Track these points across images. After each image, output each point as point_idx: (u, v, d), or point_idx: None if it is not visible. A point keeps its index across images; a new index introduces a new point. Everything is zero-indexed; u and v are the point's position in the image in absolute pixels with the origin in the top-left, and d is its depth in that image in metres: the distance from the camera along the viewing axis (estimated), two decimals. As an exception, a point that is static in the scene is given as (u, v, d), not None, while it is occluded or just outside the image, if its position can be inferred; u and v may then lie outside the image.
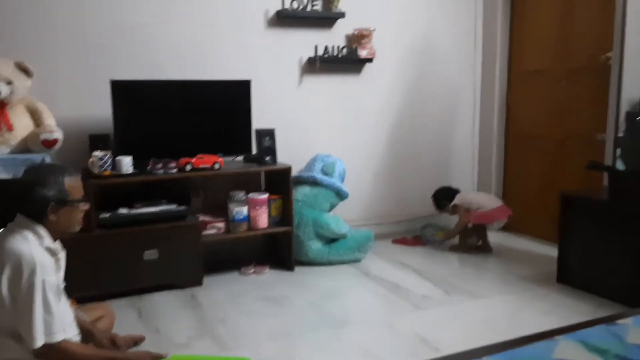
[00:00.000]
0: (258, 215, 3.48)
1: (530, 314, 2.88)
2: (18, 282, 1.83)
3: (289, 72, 3.90)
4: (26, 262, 1.84)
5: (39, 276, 1.84)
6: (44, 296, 1.84)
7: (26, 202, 1.93)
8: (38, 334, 1.83)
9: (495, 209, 3.94)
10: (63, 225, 2.00)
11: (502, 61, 4.44)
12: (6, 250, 1.86)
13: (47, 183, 1.93)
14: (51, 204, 1.93)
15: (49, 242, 1.97)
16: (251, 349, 2.51)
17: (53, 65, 3.26)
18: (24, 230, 1.92)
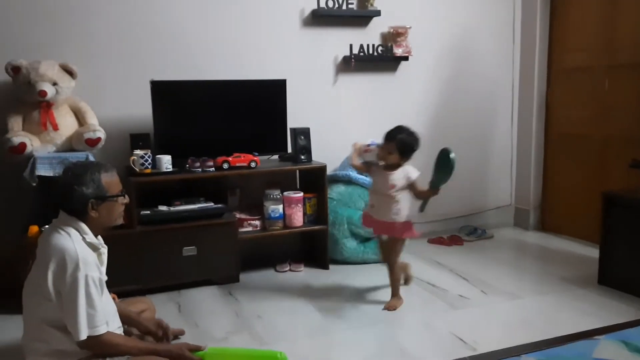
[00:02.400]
0: (293, 214, 3.51)
1: (569, 314, 2.82)
2: (62, 277, 1.89)
3: (324, 71, 3.91)
4: (70, 257, 1.90)
5: (82, 271, 1.90)
6: (87, 291, 1.90)
7: (67, 201, 1.99)
8: (82, 327, 1.89)
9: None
10: (104, 220, 2.05)
11: (542, 58, 4.35)
12: (51, 246, 1.93)
13: (85, 181, 1.98)
14: (90, 201, 1.98)
15: (92, 238, 2.03)
16: (287, 345, 2.52)
17: (96, 66, 3.35)
18: (67, 227, 1.98)
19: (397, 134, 2.89)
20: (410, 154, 2.93)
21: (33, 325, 2.00)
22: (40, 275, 1.92)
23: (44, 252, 1.95)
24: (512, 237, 4.37)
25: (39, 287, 1.93)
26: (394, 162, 2.90)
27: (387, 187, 2.89)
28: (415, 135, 2.95)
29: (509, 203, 4.67)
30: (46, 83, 2.98)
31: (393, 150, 2.87)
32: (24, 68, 2.99)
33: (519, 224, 4.62)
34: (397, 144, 2.87)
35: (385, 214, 2.91)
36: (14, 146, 2.85)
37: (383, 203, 2.92)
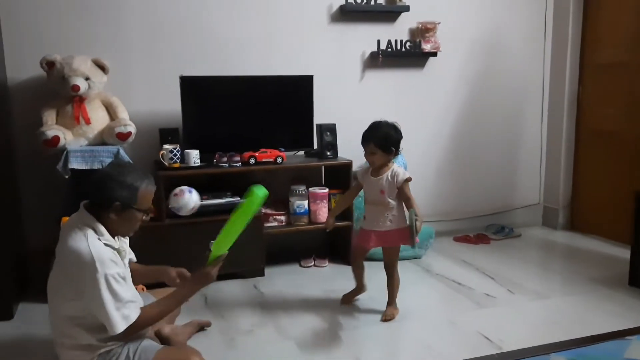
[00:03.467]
0: (318, 209, 3.52)
1: (598, 315, 2.77)
2: (81, 280, 1.89)
3: (351, 66, 3.91)
4: (85, 260, 1.88)
5: (100, 271, 1.87)
6: (109, 288, 1.89)
7: (97, 191, 1.97)
8: (116, 322, 1.91)
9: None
10: (120, 226, 2.02)
11: (574, 54, 4.27)
12: (67, 248, 1.91)
13: (123, 183, 1.95)
14: (116, 203, 1.94)
15: (108, 239, 1.99)
16: (312, 339, 2.55)
17: (127, 62, 3.41)
18: (84, 226, 1.95)
19: (371, 132, 2.72)
20: (393, 145, 2.70)
21: (58, 321, 2.03)
22: (60, 276, 1.96)
23: (62, 253, 1.96)
24: (540, 237, 4.31)
25: (60, 286, 1.96)
26: (381, 162, 2.73)
27: (378, 194, 2.73)
28: (389, 124, 2.75)
29: (538, 202, 4.61)
30: (79, 78, 3.05)
31: (374, 149, 2.69)
32: (58, 63, 3.06)
33: (547, 223, 4.56)
34: (375, 140, 2.69)
35: (380, 223, 2.73)
36: (48, 139, 2.92)
37: (377, 212, 2.74)
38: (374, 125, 2.75)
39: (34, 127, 3.00)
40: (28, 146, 3.19)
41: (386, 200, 2.72)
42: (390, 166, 2.74)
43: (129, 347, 2.03)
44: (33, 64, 3.10)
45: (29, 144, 3.15)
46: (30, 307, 2.93)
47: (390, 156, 2.72)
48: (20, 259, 3.11)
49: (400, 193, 2.71)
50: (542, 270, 3.52)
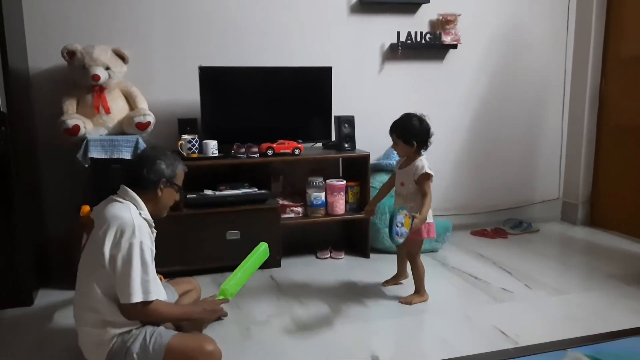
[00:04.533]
0: (335, 201, 3.52)
1: (617, 311, 2.74)
2: (119, 242, 1.98)
3: (370, 58, 3.89)
4: (127, 224, 2.00)
5: (137, 238, 1.99)
6: (142, 257, 2.00)
7: (147, 170, 2.13)
8: (136, 290, 1.97)
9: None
10: (162, 203, 2.20)
11: (597, 47, 4.20)
12: (110, 214, 2.03)
13: (168, 162, 2.17)
14: (163, 180, 2.14)
15: (147, 215, 2.13)
16: (328, 331, 2.55)
17: (147, 52, 3.43)
18: (125, 200, 2.10)
19: (396, 122, 2.78)
20: (414, 138, 2.70)
21: (85, 295, 2.08)
22: (98, 241, 2.01)
23: (101, 220, 2.04)
24: (558, 232, 4.27)
25: (95, 254, 2.02)
26: (404, 153, 2.79)
27: (399, 185, 2.79)
28: (416, 116, 2.75)
29: (557, 197, 4.56)
30: (99, 67, 3.07)
31: (396, 139, 2.76)
32: (78, 52, 3.08)
33: (566, 219, 4.51)
34: (396, 131, 2.75)
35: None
36: (69, 128, 2.95)
37: (398, 203, 2.83)
38: (402, 116, 2.79)
39: (55, 116, 3.03)
40: (49, 135, 3.23)
41: (404, 192, 2.75)
42: (415, 159, 2.74)
43: (146, 330, 2.07)
44: (54, 54, 3.13)
45: (50, 133, 3.19)
46: (50, 293, 2.97)
47: (412, 148, 2.73)
48: (41, 246, 3.16)
49: (418, 187, 2.70)
50: (560, 266, 3.49)
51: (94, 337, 2.07)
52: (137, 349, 2.04)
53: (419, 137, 2.73)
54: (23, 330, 2.57)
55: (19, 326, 2.61)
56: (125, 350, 2.05)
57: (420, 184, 2.70)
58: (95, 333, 2.06)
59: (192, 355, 2.04)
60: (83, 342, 2.12)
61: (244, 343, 2.43)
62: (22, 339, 2.49)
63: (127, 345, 2.05)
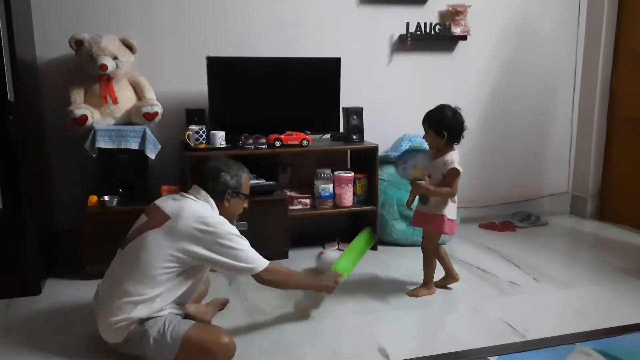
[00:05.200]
0: (343, 193, 3.51)
1: (625, 306, 2.72)
2: (213, 233, 2.10)
3: (379, 49, 3.86)
4: (213, 215, 2.17)
5: (225, 223, 2.15)
6: (239, 234, 2.17)
7: (212, 183, 2.25)
8: (258, 260, 2.19)
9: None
10: (230, 212, 2.30)
11: (608, 40, 4.15)
12: (192, 210, 2.15)
13: (232, 173, 2.30)
14: (229, 190, 2.25)
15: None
16: (335, 322, 2.55)
17: (154, 41, 3.42)
18: (202, 200, 2.23)
19: (429, 111, 2.75)
20: (445, 129, 2.66)
21: (123, 280, 2.10)
22: (173, 234, 2.08)
23: (181, 215, 2.12)
24: (567, 225, 4.24)
25: (167, 245, 2.08)
26: (434, 144, 2.73)
27: (427, 177, 2.74)
28: (450, 108, 2.72)
29: (566, 190, 4.53)
30: (107, 57, 3.06)
31: (427, 129, 2.73)
32: (86, 42, 3.08)
33: (575, 212, 4.48)
34: (428, 120, 2.73)
35: (427, 205, 2.76)
36: (76, 118, 2.95)
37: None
38: (436, 106, 2.77)
39: (63, 106, 3.03)
40: (56, 125, 3.23)
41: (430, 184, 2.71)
42: (445, 153, 2.70)
43: (165, 318, 2.09)
44: (62, 43, 3.12)
45: (57, 123, 3.19)
46: (58, 282, 2.98)
47: (443, 140, 2.68)
48: (48, 236, 3.17)
49: (445, 182, 2.68)
50: (568, 259, 3.47)
51: (115, 320, 2.07)
52: (154, 333, 2.06)
53: (451, 129, 2.68)
54: (31, 319, 2.58)
55: (27, 315, 2.62)
56: (142, 334, 2.07)
57: (447, 180, 2.67)
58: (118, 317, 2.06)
59: (208, 346, 2.06)
60: (103, 323, 2.13)
61: (251, 334, 2.43)
62: (31, 328, 2.50)
63: (145, 328, 2.07)
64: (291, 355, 2.25)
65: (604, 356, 2.15)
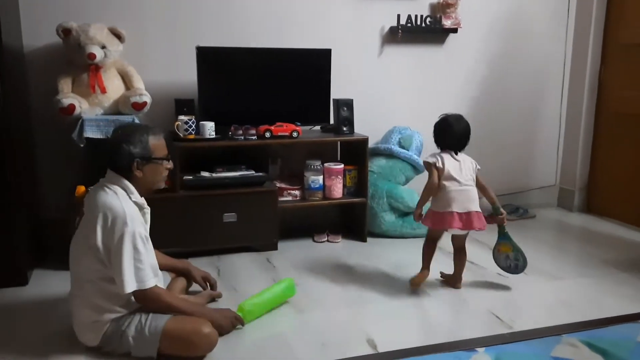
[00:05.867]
0: (333, 185, 3.51)
1: (611, 298, 2.75)
2: (111, 233, 1.96)
3: (370, 41, 3.85)
4: (117, 214, 1.98)
5: (129, 227, 1.97)
6: (135, 246, 1.98)
7: (114, 158, 2.08)
8: (129, 280, 1.97)
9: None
10: (148, 181, 2.13)
11: (597, 34, 4.17)
12: (99, 204, 2.00)
13: (133, 141, 2.07)
14: (136, 160, 2.07)
15: (137, 197, 2.10)
16: (325, 313, 2.56)
17: (143, 30, 3.38)
18: (114, 186, 2.07)
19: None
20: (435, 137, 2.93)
21: (78, 278, 2.08)
22: (89, 231, 2.00)
23: (92, 210, 2.02)
24: (555, 218, 4.28)
25: (87, 243, 2.00)
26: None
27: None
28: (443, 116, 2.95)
29: (554, 183, 4.56)
30: (95, 46, 3.03)
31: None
32: (74, 30, 3.04)
33: (562, 205, 4.51)
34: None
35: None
36: (64, 107, 2.92)
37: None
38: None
39: (50, 95, 3.00)
40: (44, 114, 3.19)
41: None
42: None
43: (141, 314, 2.07)
44: (49, 31, 3.08)
45: (45, 112, 3.16)
46: (45, 273, 2.97)
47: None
48: (35, 226, 3.14)
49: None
50: (556, 252, 3.50)
51: (88, 320, 2.07)
52: (132, 332, 2.04)
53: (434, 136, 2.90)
54: (18, 310, 2.57)
55: (14, 306, 2.60)
56: (121, 334, 2.05)
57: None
58: (89, 315, 2.07)
59: (188, 338, 2.05)
60: (77, 323, 2.13)
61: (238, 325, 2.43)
62: (17, 318, 2.48)
63: (122, 329, 2.05)
64: (279, 346, 2.26)
65: (590, 347, 2.18)
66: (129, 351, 2.06)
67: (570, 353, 2.16)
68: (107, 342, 2.08)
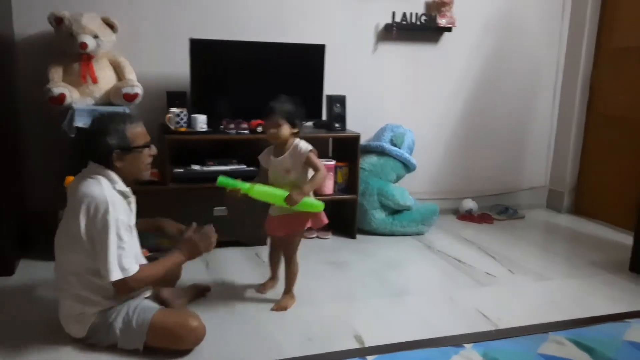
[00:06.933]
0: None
1: (598, 298, 2.77)
2: (93, 221, 1.95)
3: (364, 38, 3.84)
4: (100, 202, 1.95)
5: (111, 215, 1.95)
6: (118, 233, 1.96)
7: (92, 151, 2.04)
8: (114, 268, 1.95)
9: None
10: (131, 170, 2.09)
11: (590, 36, 4.19)
12: (81, 192, 1.98)
13: (109, 132, 2.02)
14: (115, 151, 2.02)
15: (121, 187, 2.07)
16: (312, 308, 2.56)
17: (137, 21, 3.36)
18: (96, 176, 2.03)
19: (276, 104, 2.50)
20: (299, 119, 2.52)
21: (62, 270, 2.07)
22: (72, 221, 1.98)
23: (74, 199, 2.00)
24: (544, 219, 4.30)
25: (70, 233, 1.99)
26: (284, 137, 2.48)
27: (282, 175, 2.50)
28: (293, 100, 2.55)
29: (543, 184, 4.59)
30: (87, 35, 3.00)
31: (282, 122, 2.46)
32: (66, 19, 3.01)
33: (552, 206, 4.54)
34: (282, 113, 2.47)
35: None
36: (54, 96, 2.89)
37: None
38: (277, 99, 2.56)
39: (40, 84, 2.97)
40: (33, 103, 3.16)
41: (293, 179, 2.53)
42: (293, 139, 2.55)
43: (128, 306, 2.06)
44: (41, 20, 3.04)
45: (34, 101, 3.12)
46: (31, 264, 2.94)
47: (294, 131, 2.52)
48: (22, 216, 3.11)
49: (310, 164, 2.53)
50: (543, 252, 3.52)
51: (74, 311, 2.06)
52: (119, 324, 2.03)
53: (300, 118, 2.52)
54: (3, 300, 2.54)
55: (0, 296, 2.58)
56: (108, 326, 2.04)
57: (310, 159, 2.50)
58: (74, 307, 2.05)
59: (175, 331, 2.04)
60: (64, 315, 2.11)
61: (227, 320, 2.42)
62: (2, 308, 2.46)
63: (109, 321, 2.04)
64: (266, 340, 2.25)
65: (577, 345, 2.19)
66: (115, 343, 2.05)
67: (556, 350, 2.17)
68: (94, 334, 2.06)
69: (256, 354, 2.14)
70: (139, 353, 2.04)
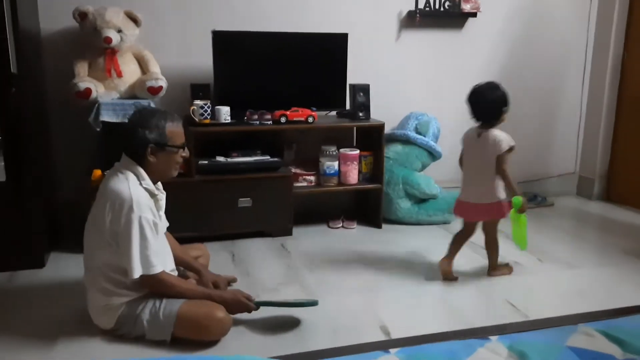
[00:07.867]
0: (348, 171, 3.49)
1: (630, 288, 2.71)
2: (117, 218, 1.97)
3: (387, 26, 3.80)
4: (124, 199, 1.98)
5: (135, 213, 1.97)
6: (141, 232, 1.98)
7: (128, 142, 2.07)
8: (136, 265, 1.98)
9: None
10: (161, 168, 2.11)
11: (621, 16, 4.06)
12: (108, 189, 2.02)
13: (149, 126, 2.05)
14: (150, 145, 2.05)
15: (148, 184, 2.09)
16: (337, 299, 2.55)
17: (159, 15, 3.37)
18: (126, 171, 2.06)
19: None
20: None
21: (91, 264, 2.10)
22: (98, 216, 2.01)
23: (102, 195, 2.04)
24: (573, 206, 4.22)
25: (97, 228, 2.02)
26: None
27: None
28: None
29: (573, 171, 4.49)
30: (111, 30, 3.03)
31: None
32: (90, 14, 3.04)
33: (582, 193, 4.45)
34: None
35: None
36: (80, 91, 2.93)
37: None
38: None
39: (66, 79, 3.00)
40: (60, 98, 3.20)
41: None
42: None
43: (155, 298, 2.08)
44: (66, 15, 3.08)
45: (61, 96, 3.16)
46: (62, 256, 3.00)
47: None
48: (52, 209, 3.17)
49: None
50: (573, 240, 3.45)
51: (102, 303, 2.09)
52: (147, 315, 2.06)
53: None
54: (35, 292, 2.60)
55: (31, 288, 2.64)
56: (135, 317, 2.07)
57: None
58: (103, 299, 2.08)
59: (202, 322, 2.06)
60: (92, 306, 2.15)
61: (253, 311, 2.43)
62: (34, 301, 2.52)
63: (136, 312, 2.07)
64: (291, 331, 2.26)
65: (606, 337, 2.13)
66: (143, 334, 2.08)
67: (586, 343, 2.11)
68: (122, 325, 2.10)
69: (281, 346, 2.14)
70: (167, 344, 2.07)
